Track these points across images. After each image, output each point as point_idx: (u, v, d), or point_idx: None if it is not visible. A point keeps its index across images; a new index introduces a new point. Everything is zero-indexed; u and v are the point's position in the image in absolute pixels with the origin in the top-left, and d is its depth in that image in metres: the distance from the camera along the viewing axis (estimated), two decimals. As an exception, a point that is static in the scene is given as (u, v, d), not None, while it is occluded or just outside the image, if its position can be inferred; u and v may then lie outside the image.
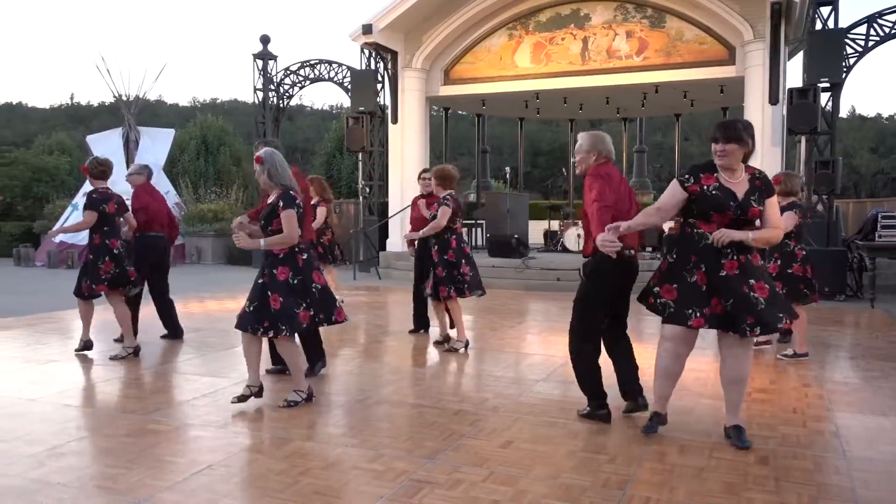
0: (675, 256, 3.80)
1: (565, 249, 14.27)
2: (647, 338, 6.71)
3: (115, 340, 6.64)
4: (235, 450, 3.74)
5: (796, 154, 13.34)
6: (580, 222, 14.71)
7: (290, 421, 4.27)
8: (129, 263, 6.27)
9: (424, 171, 7.59)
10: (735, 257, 3.64)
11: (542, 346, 6.72)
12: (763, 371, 5.64)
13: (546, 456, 3.63)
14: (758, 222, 3.71)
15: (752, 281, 3.64)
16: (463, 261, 6.33)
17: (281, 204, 4.36)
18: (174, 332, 6.99)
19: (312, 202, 8.38)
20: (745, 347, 3.75)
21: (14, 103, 62.31)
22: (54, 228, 6.72)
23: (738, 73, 12.44)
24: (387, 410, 4.52)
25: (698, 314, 3.67)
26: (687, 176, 3.72)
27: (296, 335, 4.62)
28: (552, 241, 15.19)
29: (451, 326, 6.60)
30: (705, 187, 3.66)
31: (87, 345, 6.30)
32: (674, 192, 3.75)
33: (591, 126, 42.01)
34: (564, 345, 6.47)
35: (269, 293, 4.36)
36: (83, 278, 6.18)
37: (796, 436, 3.99)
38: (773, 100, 11.79)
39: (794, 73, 28.13)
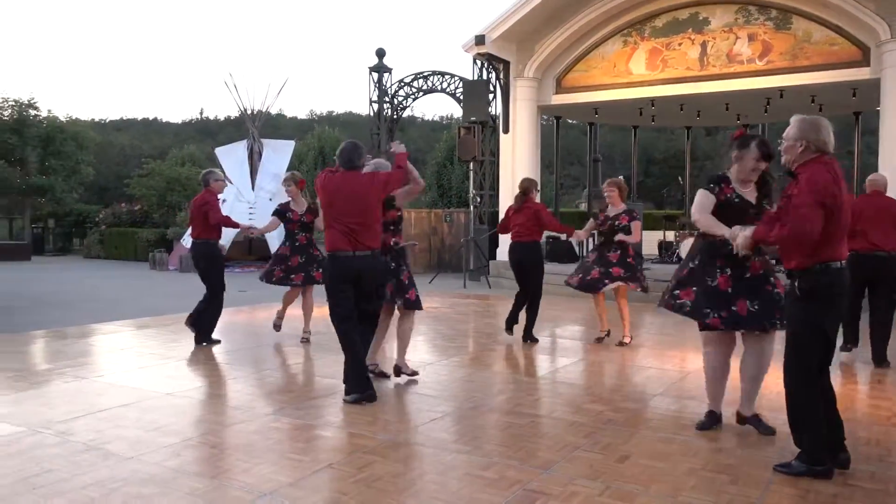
0: (696, 262, 4.16)
1: (681, 260, 13.78)
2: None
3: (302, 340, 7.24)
4: (354, 450, 3.86)
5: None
6: (696, 232, 14.19)
7: (403, 425, 4.36)
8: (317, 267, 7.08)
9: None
10: (758, 259, 3.98)
11: (657, 359, 6.53)
12: (903, 394, 5.23)
13: (664, 473, 3.52)
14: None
15: (771, 279, 4.04)
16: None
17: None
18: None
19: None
20: (769, 344, 4.09)
21: (150, 119, 67.36)
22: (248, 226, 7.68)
23: (874, 74, 11.63)
24: (498, 419, 4.53)
25: (715, 314, 3.98)
26: (712, 185, 4.08)
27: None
28: (667, 252, 14.72)
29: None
30: (728, 196, 4.04)
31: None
32: (704, 200, 4.06)
33: (706, 134, 40.50)
34: (680, 359, 6.32)
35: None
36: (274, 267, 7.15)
37: (944, 466, 3.68)
38: (914, 103, 10.95)
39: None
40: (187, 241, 18.35)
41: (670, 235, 15.30)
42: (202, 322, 6.98)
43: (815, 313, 3.43)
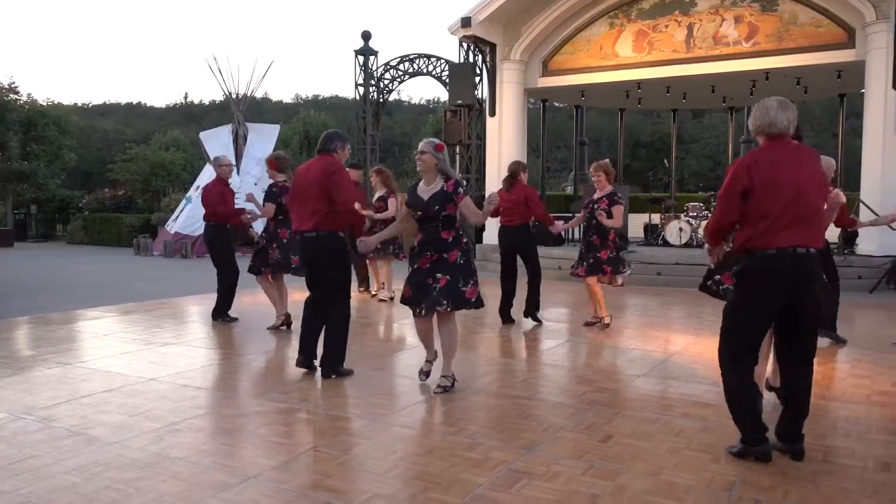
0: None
1: (666, 243, 13.85)
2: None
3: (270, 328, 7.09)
4: (338, 433, 3.86)
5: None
6: (681, 215, 14.27)
7: (389, 408, 4.36)
8: (294, 252, 6.80)
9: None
10: None
11: (641, 341, 6.57)
12: (885, 374, 5.29)
13: (647, 452, 3.55)
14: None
15: None
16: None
17: (461, 191, 4.60)
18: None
19: (380, 194, 8.48)
20: None
21: (134, 103, 66.63)
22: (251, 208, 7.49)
23: (858, 56, 11.68)
24: (483, 401, 4.54)
25: None
26: None
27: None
28: (653, 234, 14.78)
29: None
30: None
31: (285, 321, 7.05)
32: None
33: (693, 117, 40.44)
34: (664, 340, 6.36)
35: (440, 275, 4.59)
36: (255, 258, 7.02)
37: (922, 443, 3.73)
38: (898, 84, 11.00)
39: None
40: (172, 226, 18.27)
41: (656, 218, 15.36)
42: (219, 301, 7.43)
43: (741, 296, 3.44)
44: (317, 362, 5.16)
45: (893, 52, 11.02)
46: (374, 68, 17.57)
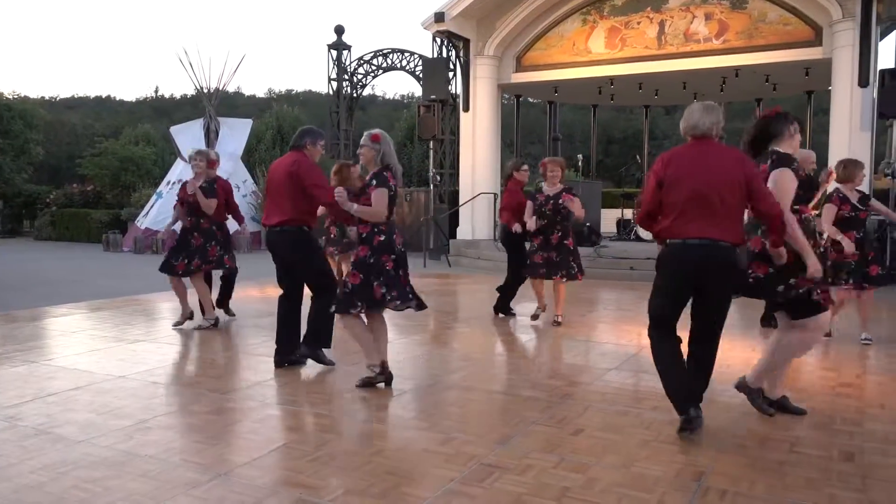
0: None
1: (639, 238, 13.98)
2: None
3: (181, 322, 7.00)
4: (310, 429, 3.84)
5: (887, 139, 12.65)
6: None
7: (361, 403, 4.36)
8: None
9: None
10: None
11: (613, 334, 6.63)
12: (849, 365, 5.41)
13: (618, 445, 3.58)
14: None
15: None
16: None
17: (374, 182, 4.48)
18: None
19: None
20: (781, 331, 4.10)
21: (103, 97, 65.49)
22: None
23: (826, 54, 11.88)
24: (457, 396, 4.55)
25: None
26: (795, 165, 3.84)
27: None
28: (625, 229, 14.91)
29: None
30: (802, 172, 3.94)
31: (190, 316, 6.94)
32: (792, 181, 3.76)
33: (665, 113, 40.92)
34: (637, 334, 6.42)
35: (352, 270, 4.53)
36: (178, 257, 6.76)
37: (884, 432, 3.81)
38: (863, 82, 11.21)
39: (886, 53, 26.64)
40: (142, 222, 18.00)
41: (629, 213, 15.49)
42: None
43: (656, 279, 3.82)
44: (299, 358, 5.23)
45: (859, 50, 11.23)
46: (348, 63, 17.49)
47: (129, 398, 4.42)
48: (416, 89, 17.67)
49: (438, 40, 15.29)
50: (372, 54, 17.34)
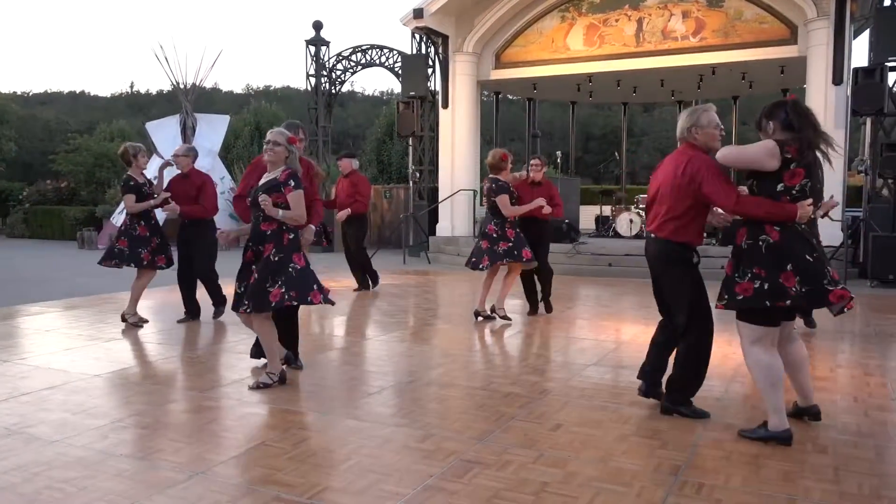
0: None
1: (617, 235, 14.08)
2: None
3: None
4: (289, 427, 3.82)
5: (861, 137, 12.85)
6: (632, 207, 14.51)
7: (341, 400, 4.34)
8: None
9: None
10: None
11: (592, 330, 6.66)
12: (823, 359, 5.48)
13: (596, 439, 3.61)
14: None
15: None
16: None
17: (292, 184, 4.39)
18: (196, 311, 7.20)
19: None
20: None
21: (77, 92, 64.45)
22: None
23: (801, 52, 12.02)
24: (436, 392, 4.55)
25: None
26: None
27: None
28: (604, 226, 15.00)
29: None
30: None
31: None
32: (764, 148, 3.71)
33: (643, 111, 41.15)
34: (615, 330, 6.46)
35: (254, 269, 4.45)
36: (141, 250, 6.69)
37: (857, 425, 3.87)
38: (837, 80, 11.37)
39: (859, 52, 27.08)
40: (117, 219, 17.77)
41: (607, 210, 15.58)
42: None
43: None
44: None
45: (833, 49, 11.38)
46: (326, 59, 17.39)
47: (104, 397, 4.37)
48: (396, 86, 17.63)
49: (417, 37, 15.26)
50: (351, 50, 17.26)
